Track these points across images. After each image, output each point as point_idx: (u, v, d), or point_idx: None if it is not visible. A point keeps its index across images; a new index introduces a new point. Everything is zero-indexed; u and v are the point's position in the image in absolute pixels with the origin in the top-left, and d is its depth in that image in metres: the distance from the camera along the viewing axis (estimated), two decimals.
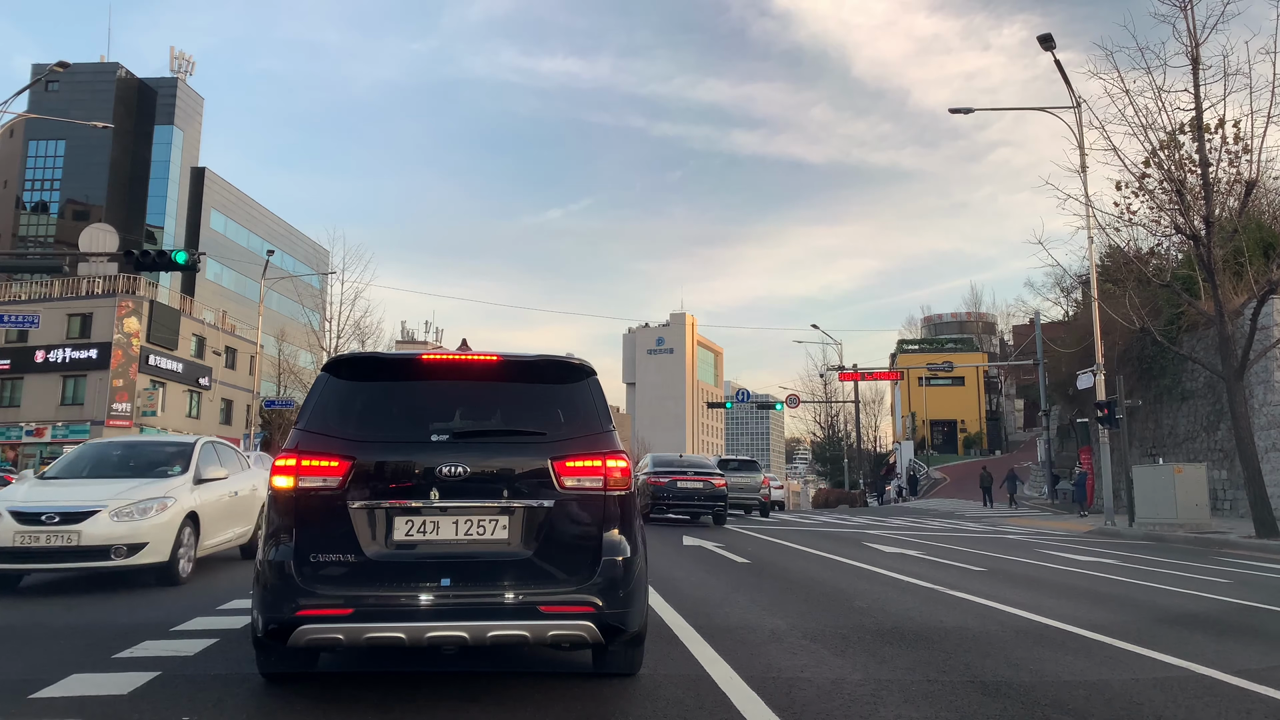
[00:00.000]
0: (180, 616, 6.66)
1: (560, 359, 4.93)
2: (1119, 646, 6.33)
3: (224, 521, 10.00)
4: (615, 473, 4.52)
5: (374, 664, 5.14)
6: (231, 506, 10.22)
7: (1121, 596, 9.51)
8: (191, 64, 79.22)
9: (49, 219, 73.16)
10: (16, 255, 53.65)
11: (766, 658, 5.66)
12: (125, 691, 4.55)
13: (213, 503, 9.62)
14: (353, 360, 4.99)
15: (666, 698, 4.61)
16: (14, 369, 46.48)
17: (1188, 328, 27.45)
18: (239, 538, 10.61)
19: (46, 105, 61.22)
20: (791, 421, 74.58)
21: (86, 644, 5.79)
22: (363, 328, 46.21)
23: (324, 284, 51.33)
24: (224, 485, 9.95)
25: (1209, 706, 4.77)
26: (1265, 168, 21.05)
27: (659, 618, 6.76)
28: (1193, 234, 19.60)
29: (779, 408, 57.11)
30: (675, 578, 9.77)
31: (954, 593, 9.03)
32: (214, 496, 9.69)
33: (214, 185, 78.05)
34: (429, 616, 4.16)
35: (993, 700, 4.74)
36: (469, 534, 4.35)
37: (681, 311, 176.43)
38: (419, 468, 4.37)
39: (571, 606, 4.27)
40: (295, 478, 4.33)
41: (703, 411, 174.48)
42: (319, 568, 4.22)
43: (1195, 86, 19.55)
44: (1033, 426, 54.65)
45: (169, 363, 48.40)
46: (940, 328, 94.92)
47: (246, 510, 10.60)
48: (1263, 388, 24.49)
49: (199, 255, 23.61)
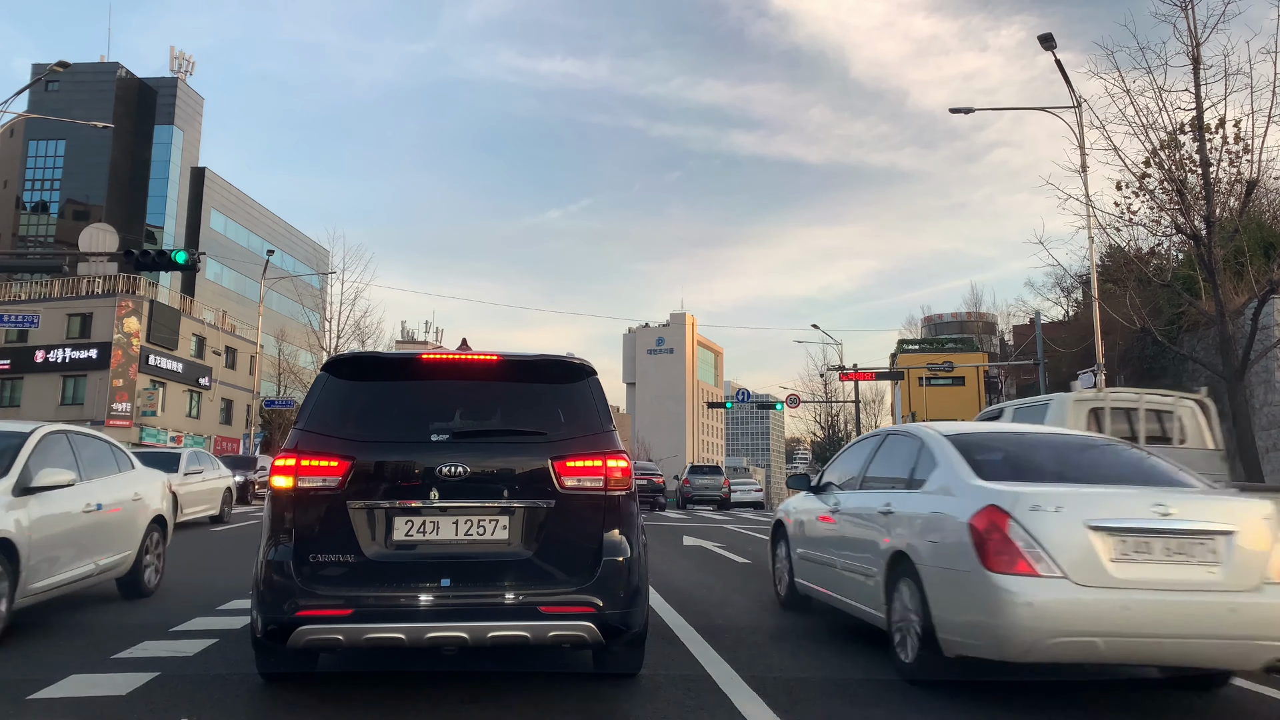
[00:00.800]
0: (180, 617, 6.65)
1: (560, 359, 4.91)
2: None
3: (74, 548, 6.99)
4: (616, 473, 4.51)
5: (374, 664, 5.13)
6: (92, 526, 7.23)
7: None
8: (191, 64, 79.22)
9: (49, 219, 73.16)
10: (16, 255, 53.68)
11: (767, 658, 5.65)
12: (124, 692, 4.54)
13: (50, 521, 6.61)
14: (352, 360, 4.98)
15: (667, 698, 4.60)
16: (14, 369, 46.49)
17: (1188, 328, 27.44)
18: (106, 569, 7.49)
19: (46, 105, 61.17)
20: (792, 421, 74.62)
21: (85, 644, 5.79)
22: (363, 328, 46.33)
23: (324, 284, 51.38)
24: (74, 496, 6.96)
25: (1210, 706, 4.76)
26: (1266, 167, 21.03)
27: (659, 618, 6.75)
28: (1193, 234, 19.59)
29: (779, 408, 57.07)
30: (676, 578, 9.76)
31: None
32: (55, 511, 6.70)
33: (214, 185, 78.04)
34: (429, 617, 4.15)
35: (996, 700, 4.73)
36: (469, 534, 4.34)
37: (681, 311, 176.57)
38: (419, 468, 4.36)
39: (572, 607, 4.26)
40: (295, 478, 4.32)
41: (703, 411, 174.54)
42: (318, 568, 4.21)
43: (1196, 86, 19.54)
44: None
45: (169, 363, 48.41)
46: (940, 328, 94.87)
47: (121, 529, 7.68)
48: (1264, 388, 24.48)
49: (199, 255, 23.65)
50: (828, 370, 59.37)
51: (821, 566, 7.00)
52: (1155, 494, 4.89)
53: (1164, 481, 5.32)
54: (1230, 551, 4.64)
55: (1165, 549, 4.63)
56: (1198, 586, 4.57)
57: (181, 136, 76.39)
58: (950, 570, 4.92)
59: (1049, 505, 4.68)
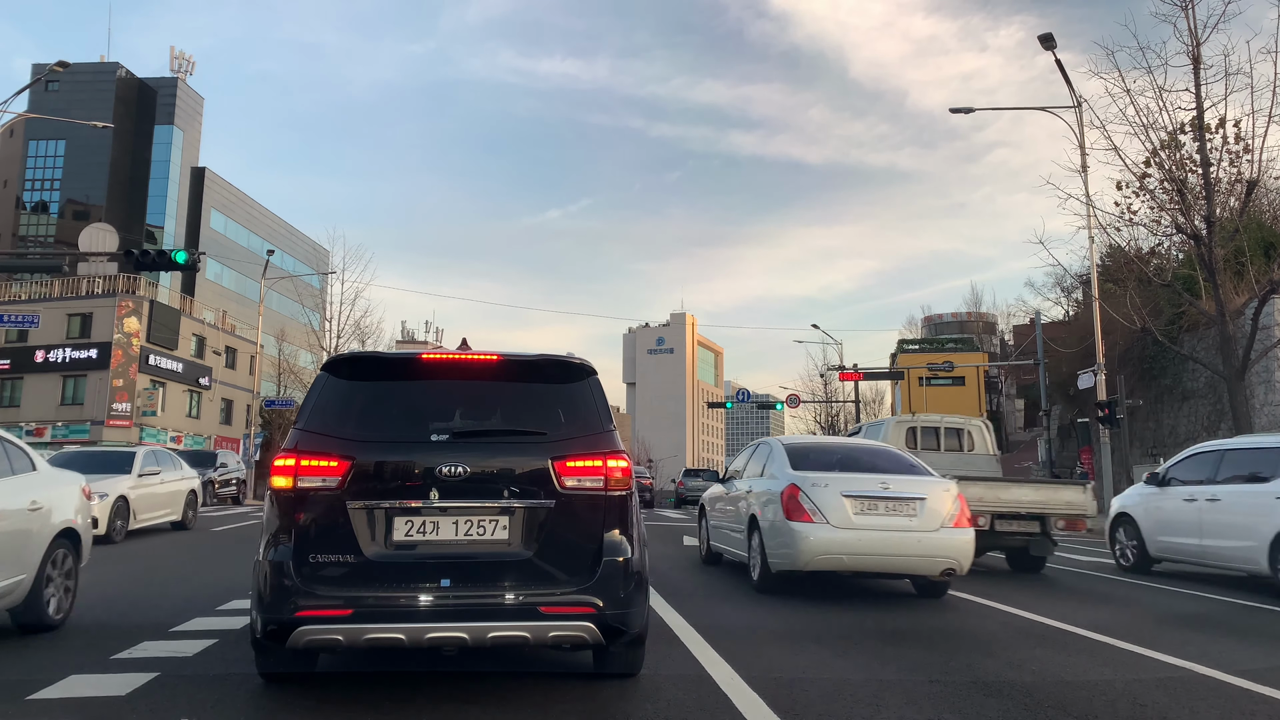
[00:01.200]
0: (179, 617, 6.64)
1: (561, 358, 4.90)
2: (1121, 647, 6.32)
3: None
4: (616, 473, 4.49)
5: (373, 665, 5.12)
6: None
7: (1123, 596, 9.49)
8: (191, 64, 79.17)
9: (49, 219, 73.13)
10: (16, 255, 53.67)
11: (768, 658, 5.64)
12: (124, 692, 4.53)
13: None
14: (352, 360, 4.96)
15: (667, 699, 4.59)
16: (14, 369, 46.45)
17: (1189, 327, 27.42)
18: None
19: (46, 105, 61.16)
20: (792, 421, 74.49)
21: (85, 644, 5.77)
22: (363, 328, 46.27)
23: (324, 284, 51.32)
24: None
25: (1212, 707, 4.75)
26: (1266, 167, 21.06)
27: (660, 618, 6.74)
28: (1194, 234, 19.59)
29: (779, 408, 57.04)
30: (676, 578, 9.76)
31: (955, 593, 9.00)
32: None
33: (214, 185, 78.00)
34: (429, 617, 4.14)
35: (995, 701, 4.72)
36: (469, 534, 4.33)
37: (681, 311, 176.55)
38: (419, 468, 4.34)
39: (572, 607, 4.25)
40: (294, 478, 4.30)
41: (703, 411, 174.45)
42: (318, 568, 4.20)
43: (1196, 86, 19.55)
44: (1033, 426, 54.59)
45: (169, 363, 48.38)
46: (940, 327, 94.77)
47: (8, 547, 5.90)
48: (1264, 387, 24.46)
49: (199, 255, 23.58)
50: (828, 370, 59.35)
51: (720, 531, 10.81)
52: (885, 477, 8.51)
53: (904, 470, 8.90)
54: (922, 509, 8.27)
55: (885, 507, 8.27)
56: (902, 528, 8.19)
57: (181, 136, 76.36)
58: (773, 521, 8.53)
59: (822, 483, 8.35)
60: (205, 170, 77.98)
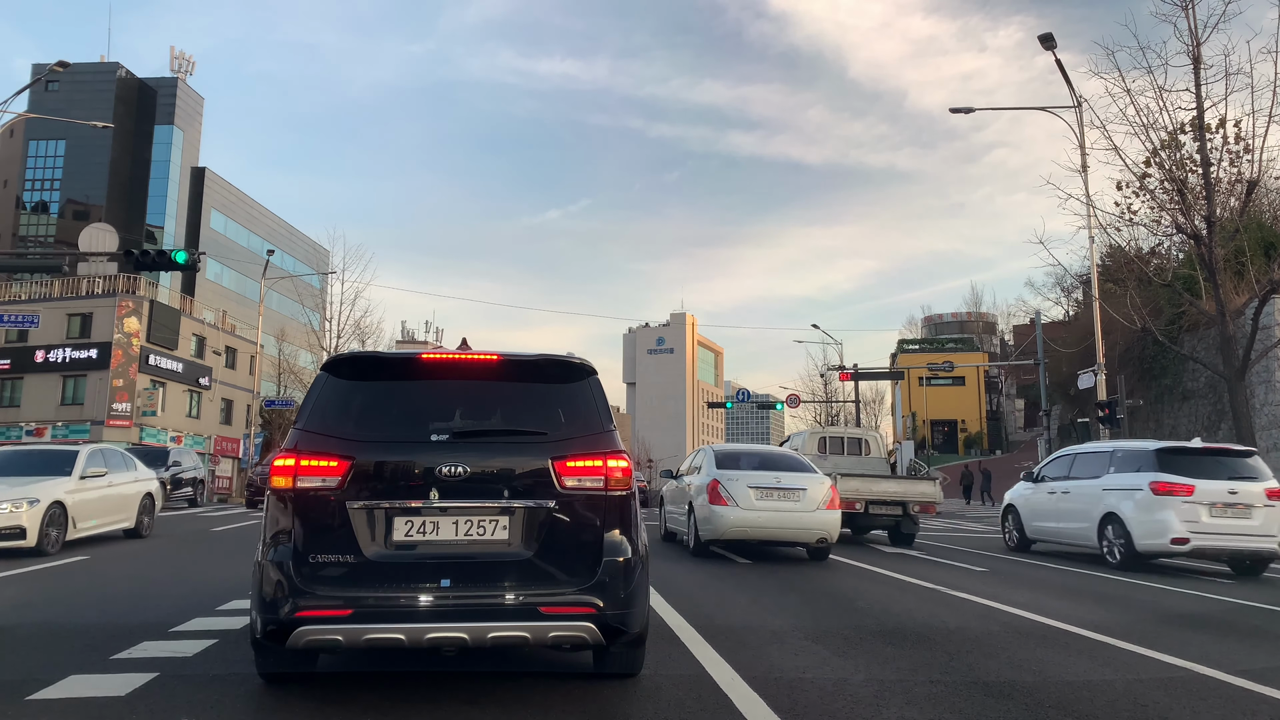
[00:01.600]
0: (179, 617, 6.63)
1: (561, 358, 4.89)
2: (1122, 647, 6.31)
3: None
4: (616, 473, 4.49)
5: (373, 665, 5.12)
6: None
7: (1123, 597, 9.49)
8: (191, 64, 79.13)
9: (49, 219, 73.12)
10: (16, 255, 53.67)
11: (768, 659, 5.63)
12: (123, 693, 4.53)
13: None
14: (352, 359, 4.95)
15: (668, 699, 4.59)
16: (14, 369, 46.44)
17: (1189, 327, 27.43)
18: None
19: (46, 105, 61.18)
20: (792, 421, 74.49)
21: (85, 644, 5.76)
22: (363, 328, 46.38)
23: (324, 284, 51.41)
24: None
25: (1213, 708, 4.75)
26: (1266, 167, 21.06)
27: (660, 618, 6.74)
28: (1194, 234, 19.59)
29: (779, 408, 57.05)
30: (676, 578, 9.75)
31: (955, 593, 9.01)
32: None
33: (214, 185, 78.00)
34: (429, 617, 4.14)
35: (996, 701, 4.71)
36: (469, 534, 4.32)
37: (681, 311, 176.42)
38: (419, 468, 4.34)
39: (572, 607, 4.24)
40: (294, 478, 4.30)
41: (703, 411, 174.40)
42: (318, 568, 4.20)
43: (1197, 86, 19.55)
44: (1033, 426, 54.60)
45: (169, 362, 48.37)
46: (940, 327, 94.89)
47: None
48: (1264, 387, 24.46)
49: (199, 255, 23.59)
50: (828, 370, 59.37)
51: (671, 515, 14.53)
52: (780, 475, 12.13)
53: (796, 469, 12.55)
54: (803, 496, 11.86)
55: (778, 495, 11.83)
56: (789, 510, 11.79)
57: (181, 136, 76.35)
58: (702, 505, 12.06)
59: (735, 478, 11.96)
60: (205, 170, 77.97)
